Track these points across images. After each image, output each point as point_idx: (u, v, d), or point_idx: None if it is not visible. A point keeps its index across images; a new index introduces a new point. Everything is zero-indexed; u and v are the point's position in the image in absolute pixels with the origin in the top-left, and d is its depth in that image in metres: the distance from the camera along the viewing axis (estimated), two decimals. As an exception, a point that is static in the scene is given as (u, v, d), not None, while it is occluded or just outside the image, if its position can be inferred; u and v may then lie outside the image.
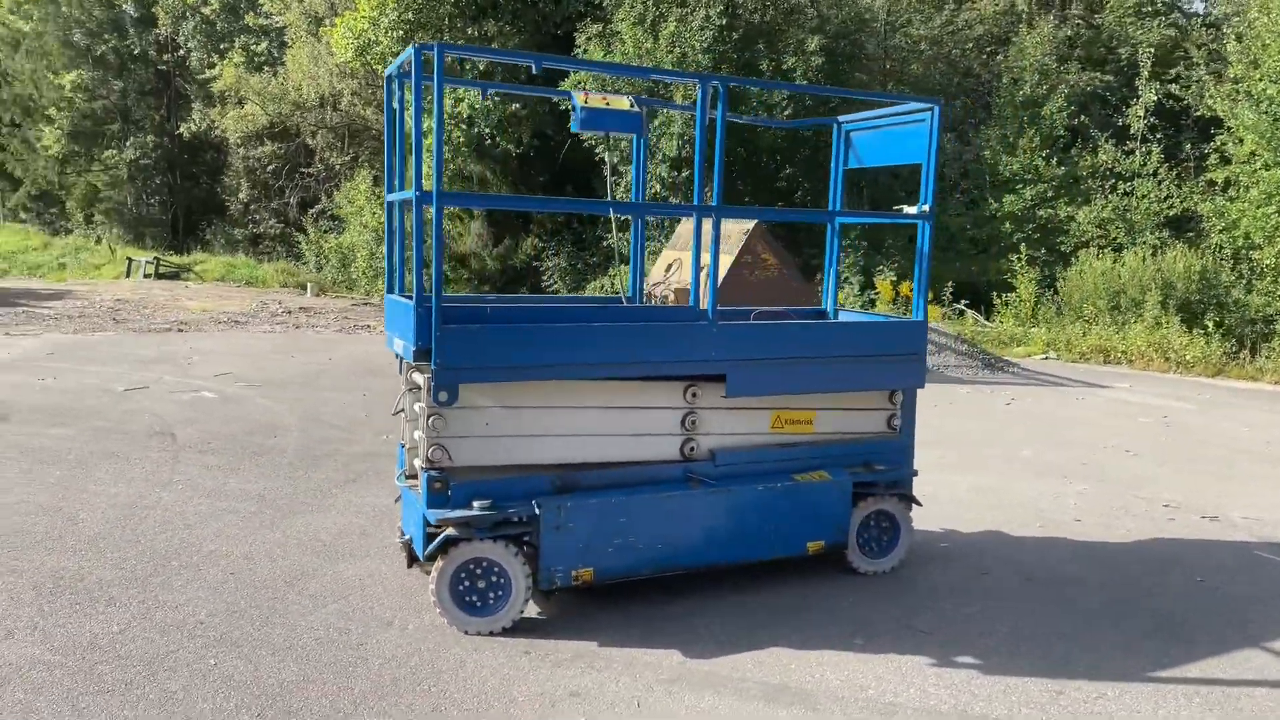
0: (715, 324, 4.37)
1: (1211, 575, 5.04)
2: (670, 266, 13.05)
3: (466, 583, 4.04)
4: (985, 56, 21.86)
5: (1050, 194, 17.99)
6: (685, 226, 13.05)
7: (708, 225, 4.35)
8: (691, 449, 4.49)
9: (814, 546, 4.69)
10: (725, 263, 11.13)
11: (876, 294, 16.66)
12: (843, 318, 5.51)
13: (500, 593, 4.06)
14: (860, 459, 4.90)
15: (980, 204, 19.06)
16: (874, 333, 4.91)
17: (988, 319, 16.41)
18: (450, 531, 3.96)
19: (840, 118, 5.49)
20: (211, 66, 29.39)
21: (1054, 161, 18.02)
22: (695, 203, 4.32)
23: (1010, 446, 8.05)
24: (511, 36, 21.43)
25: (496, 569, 4.04)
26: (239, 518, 5.47)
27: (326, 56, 25.13)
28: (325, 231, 26.64)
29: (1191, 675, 3.88)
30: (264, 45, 29.77)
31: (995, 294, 16.73)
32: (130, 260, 26.20)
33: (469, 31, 21.58)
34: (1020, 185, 18.16)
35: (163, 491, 5.94)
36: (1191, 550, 5.45)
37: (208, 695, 3.43)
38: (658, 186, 18.59)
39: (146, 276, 25.05)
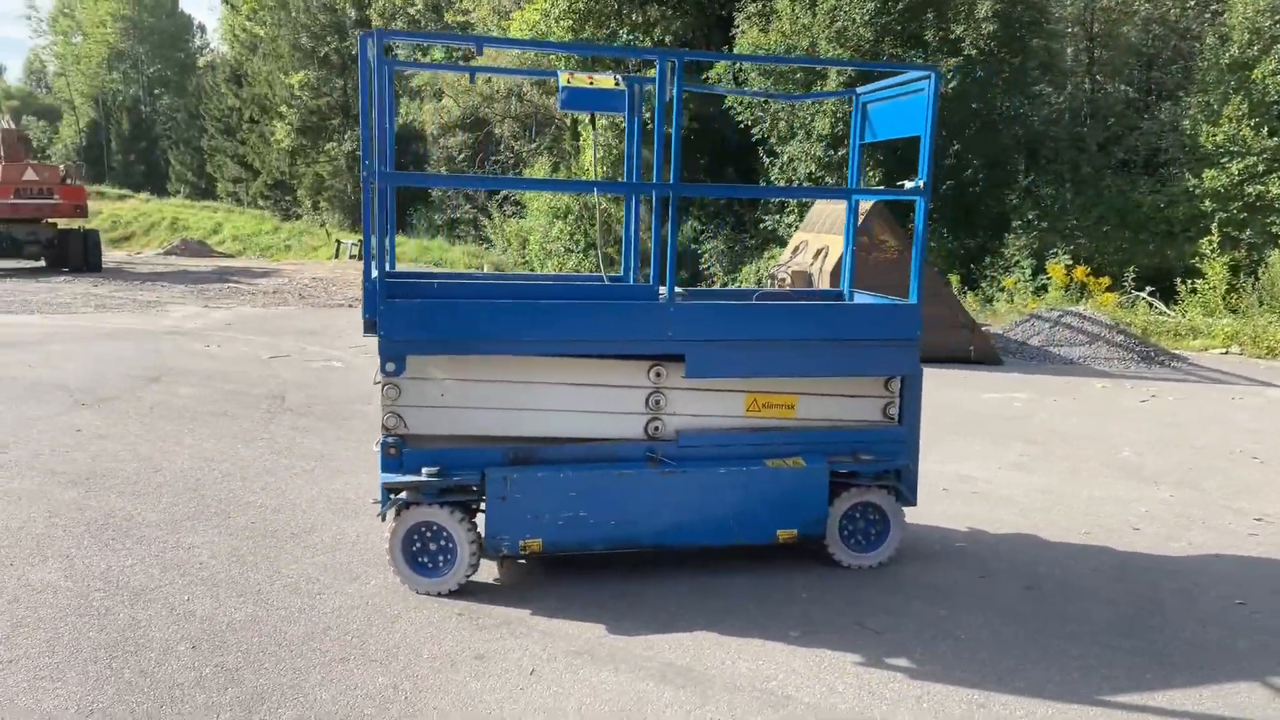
0: (672, 304, 4.34)
1: (1262, 601, 4.42)
2: (797, 249, 12.78)
3: (418, 545, 4.27)
4: (1205, 15, 19.58)
5: (1261, 168, 15.92)
6: (819, 208, 12.70)
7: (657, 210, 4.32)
8: (656, 429, 4.48)
9: (785, 535, 4.55)
10: (840, 245, 10.78)
11: (1049, 279, 15.49)
12: (858, 299, 5.27)
13: (448, 557, 4.26)
14: (849, 448, 4.70)
15: (1176, 180, 17.19)
16: (856, 317, 4.67)
17: (1170, 307, 14.83)
18: (402, 495, 4.22)
19: (859, 89, 5.24)
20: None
21: (1265, 132, 15.92)
22: (655, 180, 4.30)
23: (1111, 447, 7.32)
24: (674, 20, 21.57)
25: (445, 533, 4.25)
26: (291, 474, 6.02)
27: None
28: (509, 216, 28.09)
29: (1148, 705, 3.46)
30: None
31: (1183, 280, 15.09)
32: (339, 243, 28.77)
33: (634, 18, 21.92)
34: (1225, 158, 16.21)
35: (243, 448, 6.63)
36: (1254, 571, 4.79)
37: (163, 626, 3.87)
38: (813, 166, 18.17)
39: (352, 257, 27.41)
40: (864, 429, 4.73)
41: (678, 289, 5.25)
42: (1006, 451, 7.15)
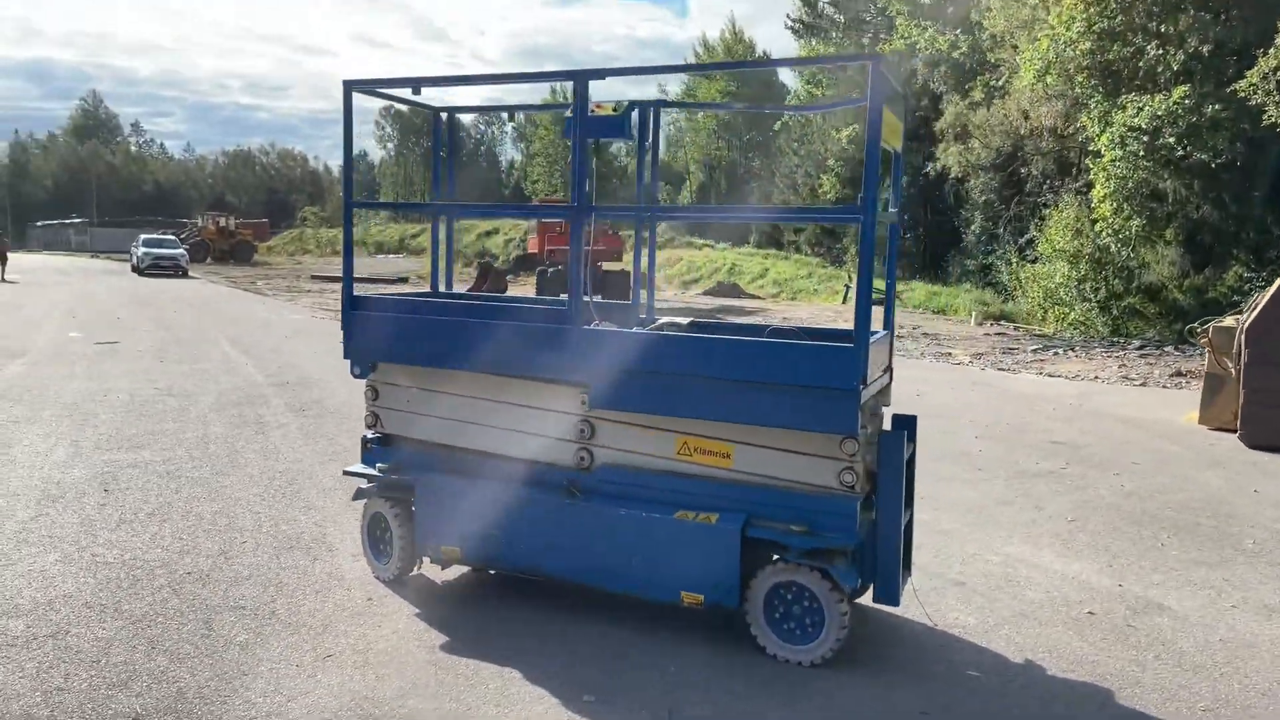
0: (579, 329, 4.16)
1: None
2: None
3: (377, 533, 4.76)
4: None
5: None
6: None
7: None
8: (583, 460, 4.31)
9: (690, 599, 3.99)
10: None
11: None
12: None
13: (387, 548, 4.68)
14: (792, 515, 3.91)
15: None
16: (764, 355, 3.85)
17: None
18: (361, 485, 4.77)
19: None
20: (954, 104, 31.00)
21: None
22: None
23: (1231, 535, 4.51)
24: (1211, 25, 17.91)
25: (386, 525, 4.67)
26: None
27: (1038, 84, 24.37)
28: (1031, 261, 25.92)
29: None
30: (1001, 79, 30.17)
31: None
32: (846, 286, 29.59)
33: (1162, 30, 18.71)
34: None
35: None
36: None
37: (144, 528, 4.99)
38: None
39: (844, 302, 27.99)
40: (814, 494, 3.90)
41: (678, 319, 4.95)
42: (1047, 527, 4.91)
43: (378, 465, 4.73)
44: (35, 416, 8.31)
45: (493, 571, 4.72)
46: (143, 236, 40.90)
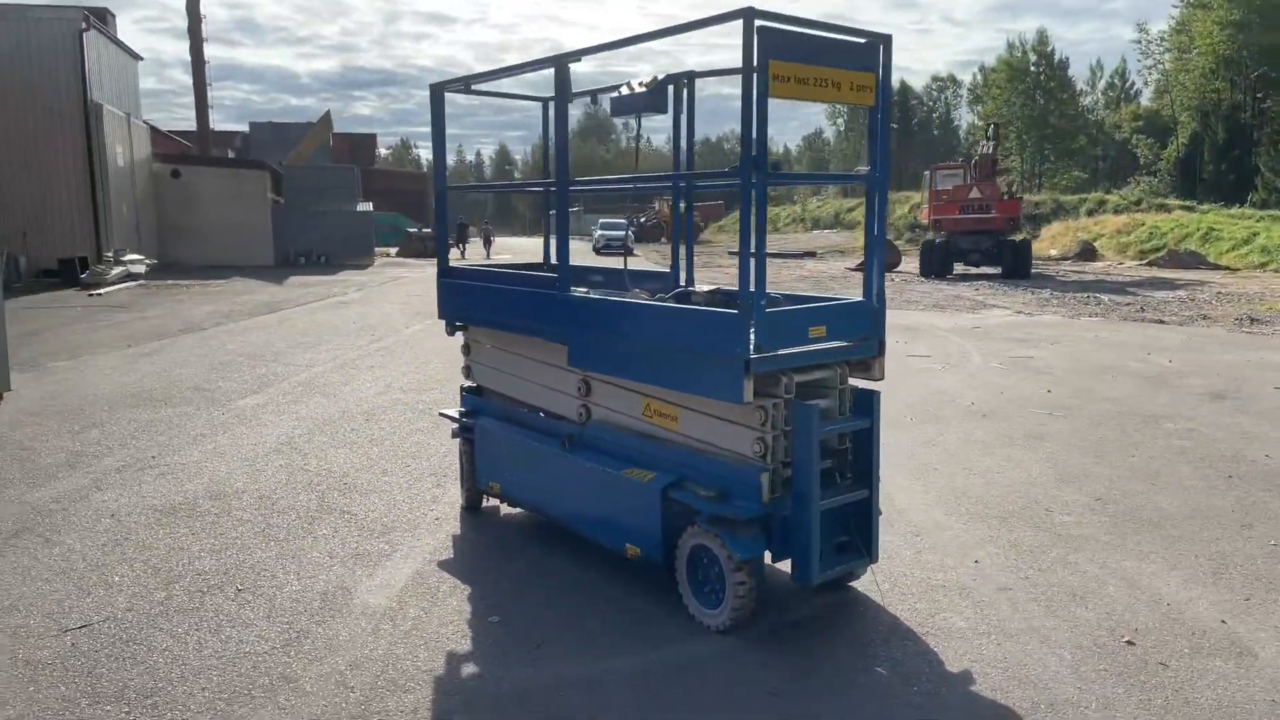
0: (560, 295, 4.50)
1: None
2: None
3: (460, 467, 5.57)
4: None
5: None
6: None
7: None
8: (582, 415, 4.67)
9: (631, 550, 4.20)
10: None
11: None
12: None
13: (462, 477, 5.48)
14: (715, 480, 3.93)
15: None
16: (663, 321, 3.82)
17: None
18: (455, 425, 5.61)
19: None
20: None
21: None
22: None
23: None
24: None
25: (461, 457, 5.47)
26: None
27: None
28: None
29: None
30: None
31: None
32: None
33: None
34: None
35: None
36: None
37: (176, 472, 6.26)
38: None
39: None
40: (734, 463, 3.88)
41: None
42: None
43: (459, 410, 5.55)
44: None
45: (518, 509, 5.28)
46: (600, 220, 46.77)
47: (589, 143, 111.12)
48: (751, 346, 3.58)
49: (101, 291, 20.18)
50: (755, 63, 3.42)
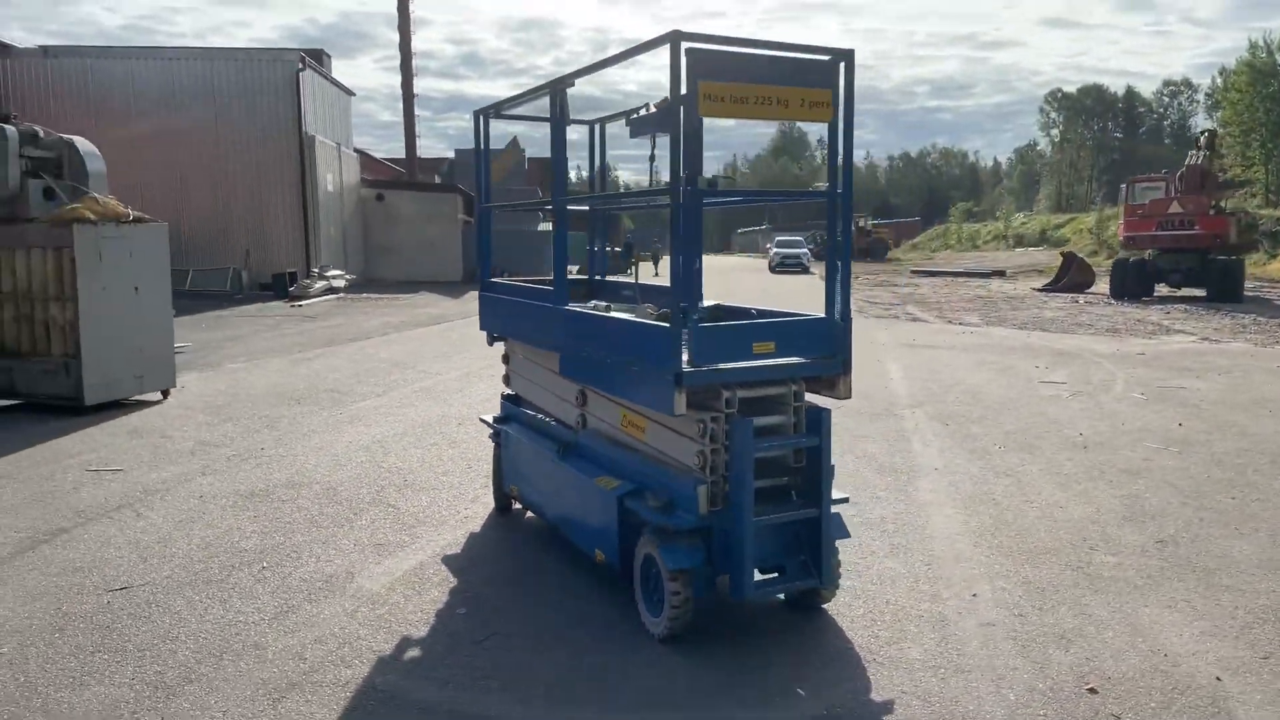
0: (556, 308, 4.69)
1: None
2: None
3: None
4: None
5: None
6: None
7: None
8: (580, 422, 4.85)
9: (599, 556, 4.34)
10: None
11: None
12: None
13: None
14: (667, 492, 4.00)
15: None
16: (609, 333, 3.95)
17: None
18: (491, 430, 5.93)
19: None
20: None
21: None
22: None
23: None
24: None
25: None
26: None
27: None
28: None
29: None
30: None
31: None
32: None
33: None
34: None
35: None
36: None
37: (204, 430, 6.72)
38: None
39: None
40: (681, 474, 3.94)
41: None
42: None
43: (491, 416, 5.87)
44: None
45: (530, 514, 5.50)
46: (777, 238, 46.49)
47: (780, 160, 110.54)
48: (684, 360, 3.64)
49: (302, 303, 22.43)
50: (685, 84, 3.50)
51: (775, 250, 42.87)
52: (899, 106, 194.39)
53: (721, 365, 3.73)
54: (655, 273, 39.09)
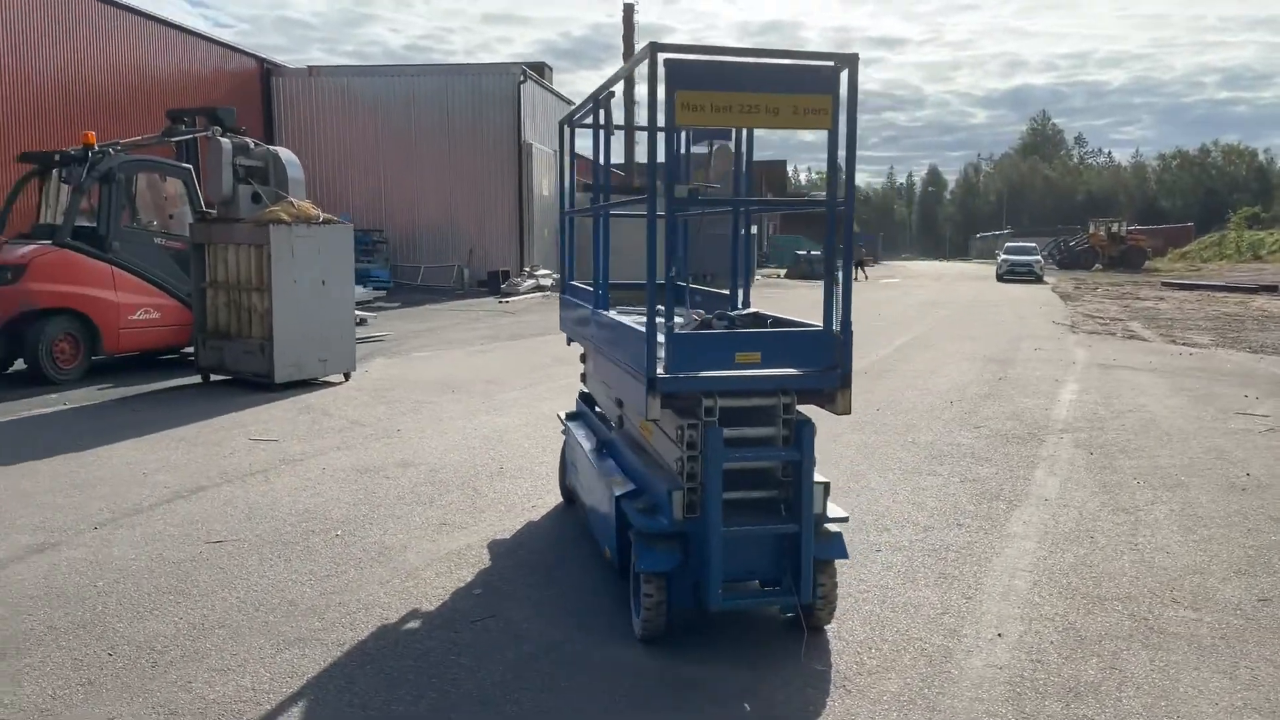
0: (596, 309, 4.84)
1: None
2: None
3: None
4: None
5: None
6: None
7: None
8: (620, 420, 4.98)
9: (607, 554, 4.45)
10: None
11: None
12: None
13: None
14: (658, 496, 4.06)
15: None
16: (617, 338, 3.97)
17: None
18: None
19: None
20: None
21: None
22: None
23: None
24: None
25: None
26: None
27: None
28: None
29: None
30: None
31: None
32: None
33: None
34: None
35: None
36: None
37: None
38: None
39: None
40: (664, 479, 4.00)
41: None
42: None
43: (566, 411, 6.11)
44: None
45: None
46: (1006, 244, 43.59)
47: (1029, 160, 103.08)
48: (660, 366, 3.69)
49: (509, 299, 23.93)
50: (662, 94, 3.56)
51: (1004, 257, 40.25)
52: (1182, 99, 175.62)
53: (702, 373, 3.74)
54: (864, 278, 38.10)
